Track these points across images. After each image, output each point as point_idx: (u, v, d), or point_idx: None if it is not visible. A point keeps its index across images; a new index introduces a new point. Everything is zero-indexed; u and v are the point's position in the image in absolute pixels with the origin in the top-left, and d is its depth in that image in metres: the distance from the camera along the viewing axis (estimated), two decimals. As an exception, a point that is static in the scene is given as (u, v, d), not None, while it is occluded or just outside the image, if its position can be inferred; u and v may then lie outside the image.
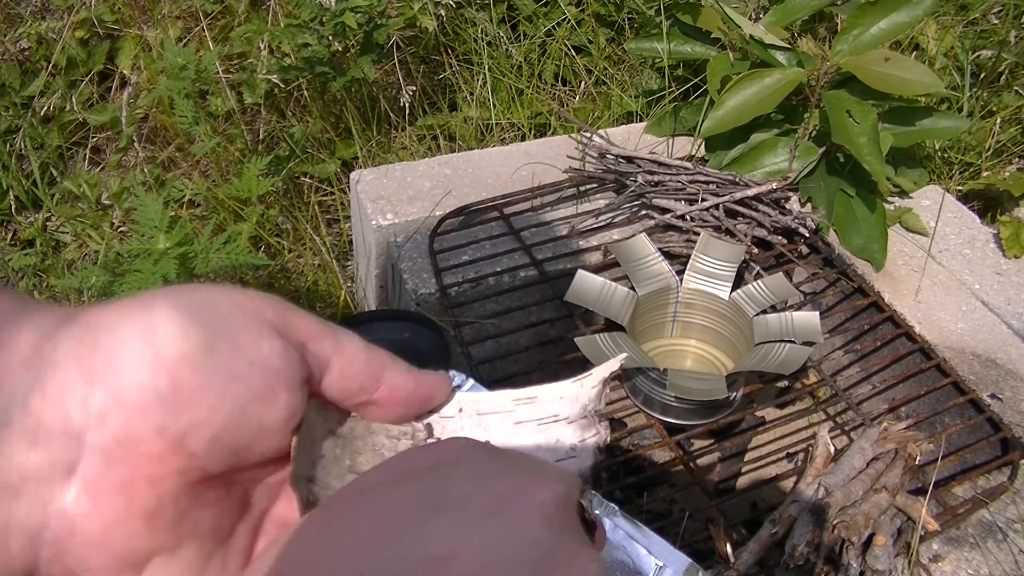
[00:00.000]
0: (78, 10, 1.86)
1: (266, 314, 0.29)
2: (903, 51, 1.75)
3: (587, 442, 0.35)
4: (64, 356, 0.26)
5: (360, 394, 0.32)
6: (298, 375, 0.29)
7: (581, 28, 1.88)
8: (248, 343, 0.28)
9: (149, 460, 0.27)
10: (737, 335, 1.17)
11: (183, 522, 0.28)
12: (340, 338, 0.31)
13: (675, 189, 1.31)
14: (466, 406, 0.36)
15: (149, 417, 0.26)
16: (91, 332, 0.27)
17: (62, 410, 0.26)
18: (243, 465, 0.29)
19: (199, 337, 0.27)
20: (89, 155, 1.81)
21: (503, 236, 1.27)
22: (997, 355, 1.18)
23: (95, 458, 0.26)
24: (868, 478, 0.96)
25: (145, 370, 0.26)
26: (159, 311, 0.27)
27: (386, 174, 1.37)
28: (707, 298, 1.18)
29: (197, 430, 0.27)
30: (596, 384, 0.36)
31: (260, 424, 0.28)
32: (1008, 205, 1.56)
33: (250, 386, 0.28)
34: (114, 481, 0.26)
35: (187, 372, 0.27)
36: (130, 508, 0.27)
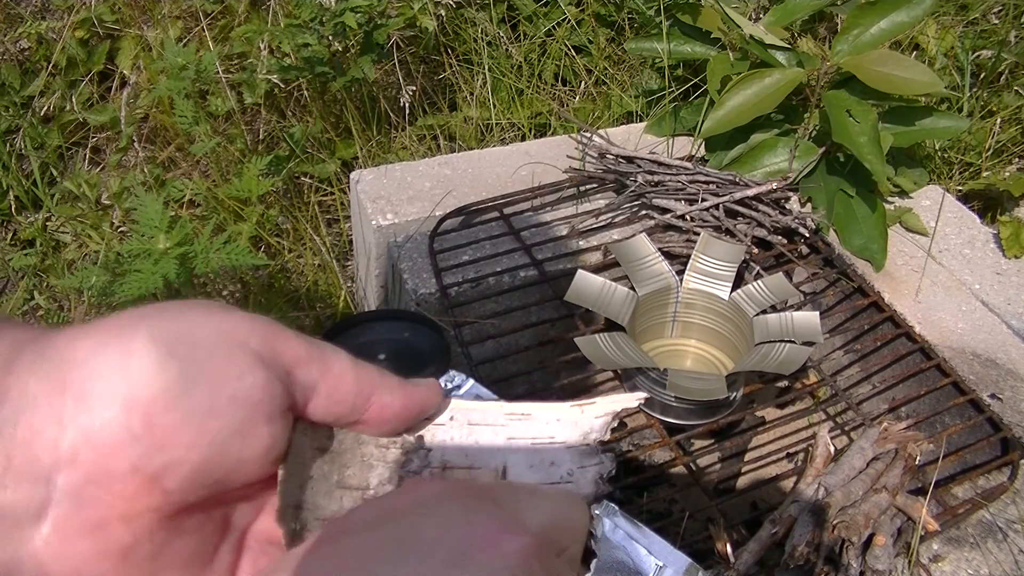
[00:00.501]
0: (78, 10, 1.86)
1: (250, 342, 0.28)
2: (903, 51, 1.75)
3: (587, 470, 0.34)
4: (34, 392, 0.25)
5: (350, 415, 0.31)
6: (280, 406, 0.29)
7: (581, 28, 1.88)
8: (229, 376, 0.27)
9: (123, 499, 0.26)
10: (737, 335, 1.17)
11: (161, 554, 0.28)
12: (328, 360, 0.30)
13: (675, 189, 1.31)
14: (458, 415, 0.35)
15: (122, 456, 0.26)
16: (63, 367, 0.26)
17: (31, 452, 0.25)
18: (223, 492, 0.29)
19: (177, 373, 0.26)
20: (89, 155, 1.81)
21: (503, 236, 1.27)
22: (997, 355, 1.18)
23: (65, 499, 0.25)
24: (868, 478, 0.96)
25: (117, 408, 0.26)
26: (135, 344, 0.26)
27: (386, 174, 1.37)
28: (707, 298, 1.18)
29: (173, 468, 0.26)
30: (602, 415, 0.35)
31: (239, 458, 0.28)
32: (1008, 205, 1.56)
33: (230, 422, 0.27)
34: (86, 522, 0.26)
35: (162, 410, 0.26)
36: (104, 548, 0.26)
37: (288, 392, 0.29)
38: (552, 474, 0.34)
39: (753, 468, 1.11)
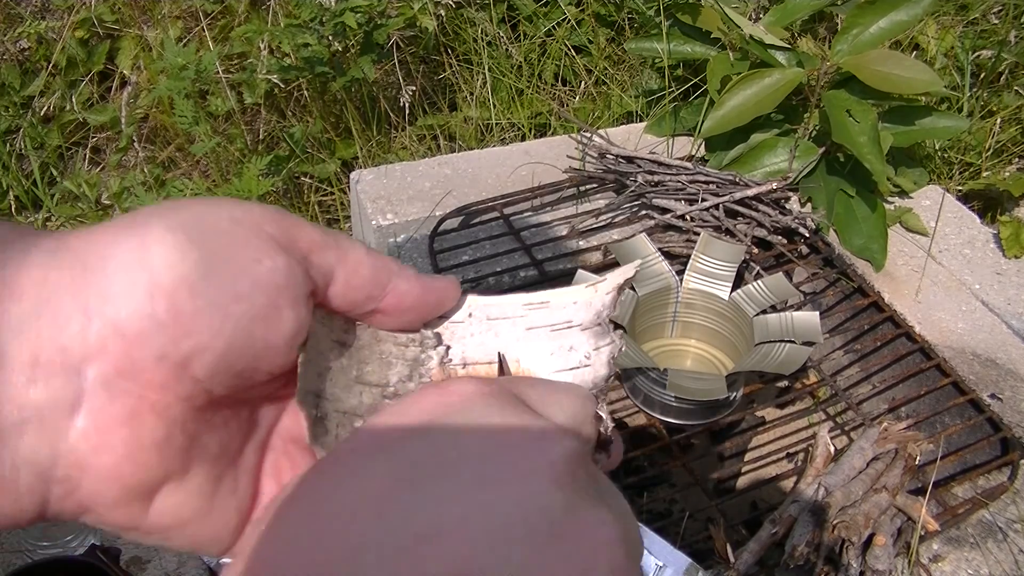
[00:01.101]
0: (78, 10, 1.86)
1: (266, 228, 0.28)
2: (903, 51, 1.75)
3: (601, 351, 0.34)
4: (57, 288, 0.25)
5: (367, 303, 0.31)
6: (302, 290, 0.28)
7: (581, 28, 1.88)
8: (249, 260, 0.27)
9: (153, 388, 0.26)
10: (737, 335, 1.17)
11: (192, 447, 0.28)
12: (344, 247, 0.30)
13: (675, 189, 1.31)
14: (476, 311, 0.34)
15: (150, 344, 0.25)
16: (83, 260, 0.26)
17: (60, 344, 0.25)
18: (249, 385, 0.29)
19: (197, 258, 0.26)
20: (89, 155, 1.81)
21: (503, 236, 1.27)
22: (997, 355, 1.18)
23: (98, 391, 0.25)
24: (868, 478, 0.96)
25: (142, 297, 0.25)
26: (153, 233, 0.26)
27: (386, 174, 1.37)
28: (707, 298, 1.18)
29: (200, 355, 0.26)
30: (610, 290, 0.34)
31: (265, 343, 0.27)
32: (1008, 205, 1.56)
33: (253, 306, 0.27)
34: (120, 413, 0.26)
35: (186, 296, 0.26)
36: (138, 439, 0.26)
37: (308, 277, 0.29)
38: (571, 359, 0.34)
39: (753, 468, 1.11)
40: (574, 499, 0.25)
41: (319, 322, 0.31)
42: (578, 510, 0.25)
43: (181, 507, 0.28)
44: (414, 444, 0.27)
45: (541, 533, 0.24)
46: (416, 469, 0.26)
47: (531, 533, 0.24)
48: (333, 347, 0.32)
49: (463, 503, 0.25)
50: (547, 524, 0.24)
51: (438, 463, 0.26)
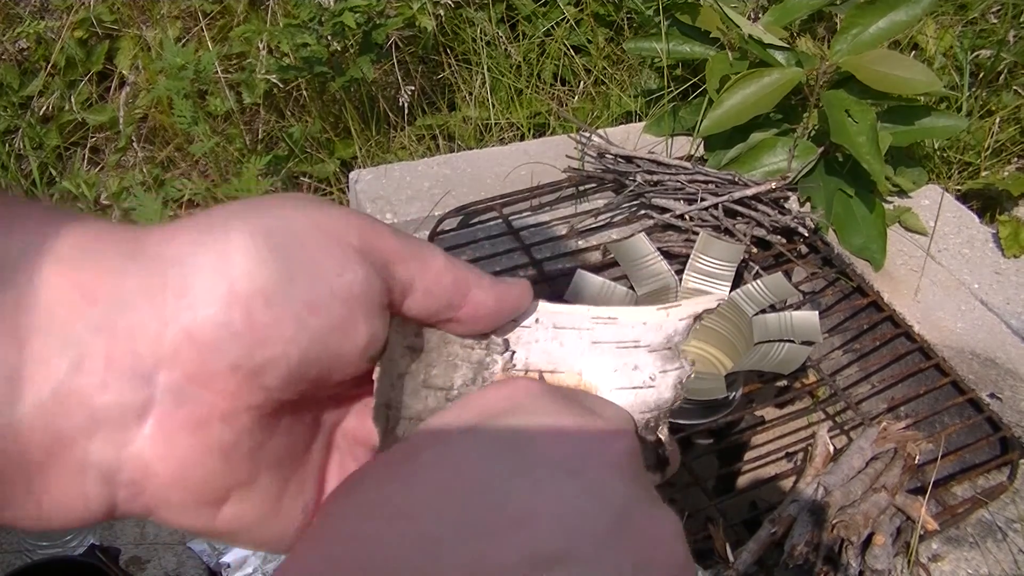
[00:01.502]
0: (77, 10, 1.86)
1: (349, 236, 0.28)
2: (902, 51, 1.75)
3: (668, 374, 0.33)
4: (134, 292, 0.25)
5: (444, 312, 0.31)
6: (380, 301, 0.28)
7: (580, 28, 1.88)
8: (329, 270, 0.27)
9: (223, 397, 0.26)
10: (736, 335, 1.17)
11: (259, 454, 0.28)
12: (426, 256, 0.30)
13: (674, 189, 1.31)
14: (543, 317, 0.34)
15: (223, 354, 0.25)
16: (161, 264, 0.25)
17: (133, 349, 0.25)
18: (317, 392, 0.29)
19: (276, 267, 0.26)
20: (88, 155, 1.80)
21: (502, 236, 1.27)
22: (996, 355, 1.18)
23: (167, 398, 0.25)
24: (867, 478, 0.96)
25: (219, 305, 0.25)
26: (233, 239, 0.26)
27: (385, 174, 1.37)
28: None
29: (273, 365, 0.26)
30: (685, 317, 0.34)
31: (339, 354, 0.27)
32: (1007, 204, 1.56)
33: (331, 317, 0.27)
34: (188, 420, 0.26)
35: (262, 306, 0.25)
36: (205, 446, 0.26)
37: (387, 288, 0.28)
38: (635, 378, 0.34)
39: (753, 468, 1.11)
40: (639, 493, 0.26)
41: (394, 330, 0.30)
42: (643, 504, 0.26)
43: (249, 512, 0.28)
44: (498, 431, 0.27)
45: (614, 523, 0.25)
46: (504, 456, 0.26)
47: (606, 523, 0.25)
48: (405, 353, 0.32)
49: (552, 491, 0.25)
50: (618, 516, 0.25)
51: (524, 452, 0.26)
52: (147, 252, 0.26)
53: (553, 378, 0.34)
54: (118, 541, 0.98)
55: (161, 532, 1.00)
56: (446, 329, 0.32)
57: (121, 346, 0.25)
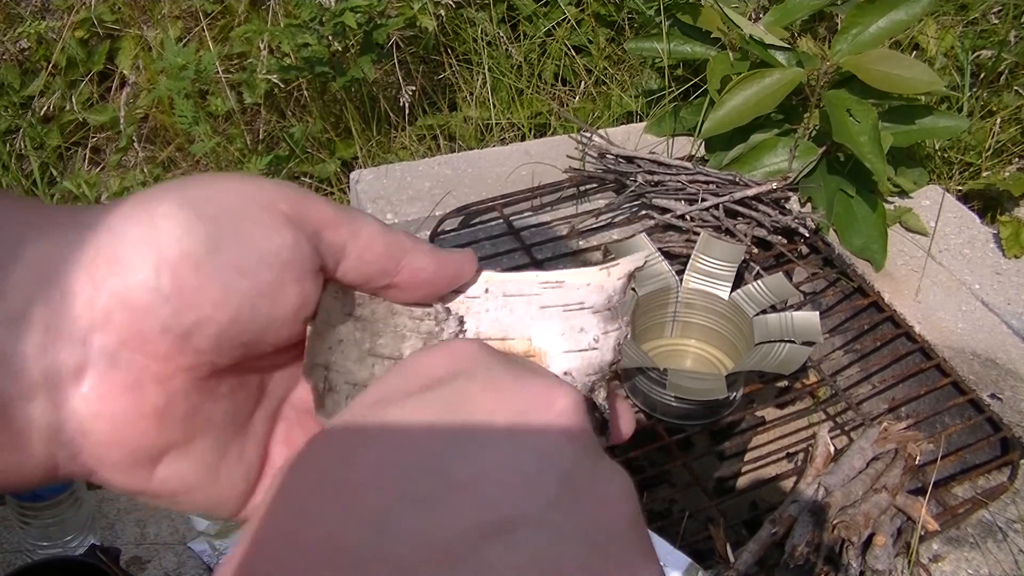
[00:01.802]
0: (78, 10, 1.86)
1: (278, 205, 0.29)
2: (903, 51, 1.75)
3: (609, 335, 0.34)
4: (68, 260, 0.26)
5: (380, 278, 0.31)
6: (309, 266, 0.29)
7: (581, 28, 1.88)
8: (257, 236, 0.28)
9: (155, 359, 0.27)
10: (737, 335, 1.17)
11: (195, 416, 0.28)
12: (357, 223, 0.30)
13: (675, 189, 1.31)
14: (493, 287, 0.35)
15: (153, 317, 0.26)
16: (94, 234, 0.27)
17: (68, 314, 0.26)
18: (255, 356, 0.29)
19: (203, 234, 0.27)
20: (89, 155, 1.81)
21: (503, 236, 1.27)
22: (997, 355, 1.18)
23: (102, 360, 0.26)
24: (868, 478, 0.96)
25: (148, 270, 0.26)
26: (162, 208, 0.27)
27: (386, 174, 1.37)
28: (707, 298, 1.18)
29: (202, 327, 0.27)
30: (622, 276, 0.35)
31: (269, 318, 0.28)
32: (1008, 205, 1.56)
33: (257, 281, 0.28)
34: (121, 382, 0.27)
35: (190, 271, 0.27)
36: (139, 408, 0.27)
37: (317, 253, 0.29)
38: (580, 341, 0.34)
39: (753, 468, 1.11)
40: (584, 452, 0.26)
41: (331, 296, 0.31)
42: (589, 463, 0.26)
43: (185, 474, 0.29)
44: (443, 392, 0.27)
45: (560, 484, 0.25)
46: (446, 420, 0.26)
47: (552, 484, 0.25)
48: (346, 320, 0.32)
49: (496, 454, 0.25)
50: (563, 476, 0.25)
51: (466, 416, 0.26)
52: (82, 223, 0.27)
53: (503, 345, 0.34)
54: (118, 541, 0.98)
55: (162, 532, 1.00)
56: (389, 297, 0.33)
57: (57, 311, 0.26)
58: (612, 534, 0.25)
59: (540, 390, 0.27)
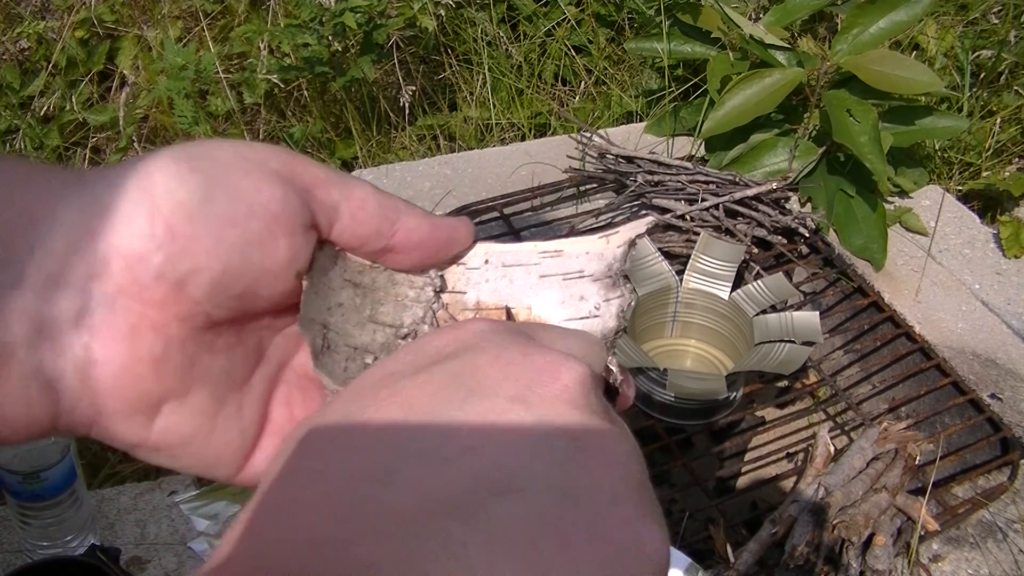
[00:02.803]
0: (78, 10, 1.86)
1: (270, 163, 0.30)
2: (903, 51, 1.75)
3: (611, 303, 0.34)
4: (66, 212, 0.27)
5: (376, 239, 0.32)
6: (299, 220, 0.30)
7: (581, 28, 1.88)
8: (247, 189, 0.29)
9: (152, 306, 0.28)
10: (737, 335, 1.17)
11: (192, 367, 0.29)
12: (349, 184, 0.31)
13: (675, 189, 1.31)
14: (492, 257, 0.35)
15: (148, 265, 0.27)
16: (92, 188, 0.28)
17: (68, 264, 0.27)
18: (251, 310, 0.30)
19: (196, 185, 0.28)
20: (89, 155, 1.80)
21: (503, 236, 1.27)
22: (997, 355, 1.18)
23: (101, 307, 0.27)
24: (868, 478, 0.96)
25: (143, 220, 0.27)
26: (158, 163, 0.28)
27: (386, 174, 1.37)
28: (707, 298, 1.18)
29: (196, 275, 0.28)
30: (622, 243, 0.35)
31: (262, 268, 0.29)
32: (1008, 205, 1.56)
33: (247, 231, 0.28)
34: (121, 328, 0.27)
35: (183, 220, 0.28)
36: (138, 354, 0.28)
37: (308, 209, 0.30)
38: (581, 309, 0.34)
39: (753, 468, 1.11)
40: (591, 419, 0.27)
41: (329, 258, 0.32)
42: (595, 428, 0.26)
43: (183, 424, 0.30)
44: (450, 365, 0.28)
45: (564, 447, 0.25)
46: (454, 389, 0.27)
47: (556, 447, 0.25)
48: (345, 285, 0.33)
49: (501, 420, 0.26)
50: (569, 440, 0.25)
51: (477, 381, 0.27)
52: (82, 180, 0.28)
53: (502, 315, 0.35)
54: (118, 541, 0.98)
55: (162, 532, 1.00)
56: (387, 263, 0.33)
57: (57, 261, 0.27)
58: (617, 496, 0.25)
59: (547, 364, 0.28)
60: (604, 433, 0.26)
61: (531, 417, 0.26)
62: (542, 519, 0.23)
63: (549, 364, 0.28)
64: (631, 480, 0.26)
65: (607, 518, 0.24)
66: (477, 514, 0.23)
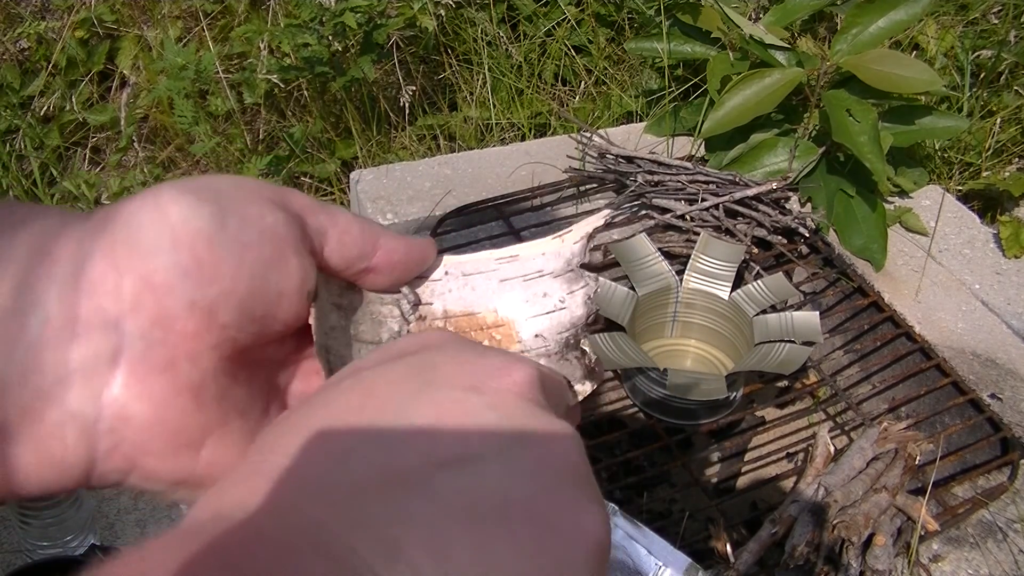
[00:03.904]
0: (78, 10, 1.86)
1: (264, 191, 0.31)
2: (903, 50, 1.75)
3: (576, 293, 0.36)
4: (90, 251, 0.27)
5: (360, 261, 0.33)
6: (303, 242, 0.31)
7: (581, 28, 1.88)
8: (254, 215, 0.29)
9: (186, 337, 0.28)
10: (737, 335, 1.17)
11: (226, 398, 0.30)
12: (333, 210, 0.33)
13: (675, 189, 1.31)
14: (451, 268, 0.37)
15: (179, 294, 0.27)
16: (110, 224, 0.28)
17: (97, 302, 0.27)
18: (268, 335, 0.31)
19: (209, 213, 0.28)
20: (89, 155, 1.81)
21: (503, 236, 1.27)
22: (997, 355, 1.18)
23: (136, 343, 0.27)
24: (868, 478, 0.96)
25: (167, 250, 0.27)
26: (166, 195, 0.29)
27: (386, 174, 1.37)
28: (707, 298, 1.18)
29: (225, 299, 0.28)
30: (578, 239, 0.37)
31: (279, 289, 0.30)
32: (1008, 205, 1.56)
33: (263, 253, 0.29)
34: (157, 362, 0.27)
35: (205, 246, 0.28)
36: (176, 386, 0.28)
37: (305, 233, 0.31)
38: (546, 304, 0.36)
39: (753, 468, 1.11)
40: (538, 411, 0.28)
41: (321, 284, 0.33)
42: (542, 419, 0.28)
43: (228, 454, 0.30)
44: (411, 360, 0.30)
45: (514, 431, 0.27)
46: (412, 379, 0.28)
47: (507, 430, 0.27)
48: (333, 309, 0.34)
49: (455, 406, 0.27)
50: (518, 425, 0.27)
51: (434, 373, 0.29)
52: (97, 218, 0.28)
53: (472, 319, 0.36)
54: (118, 541, 0.98)
55: (161, 532, 1.00)
56: (365, 283, 0.35)
57: (85, 300, 0.27)
58: (560, 480, 0.26)
59: (499, 364, 0.29)
60: (550, 424, 0.28)
61: (482, 405, 0.27)
62: (484, 491, 0.25)
63: (502, 363, 0.29)
64: (574, 469, 0.27)
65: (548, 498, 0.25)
66: (423, 485, 0.24)
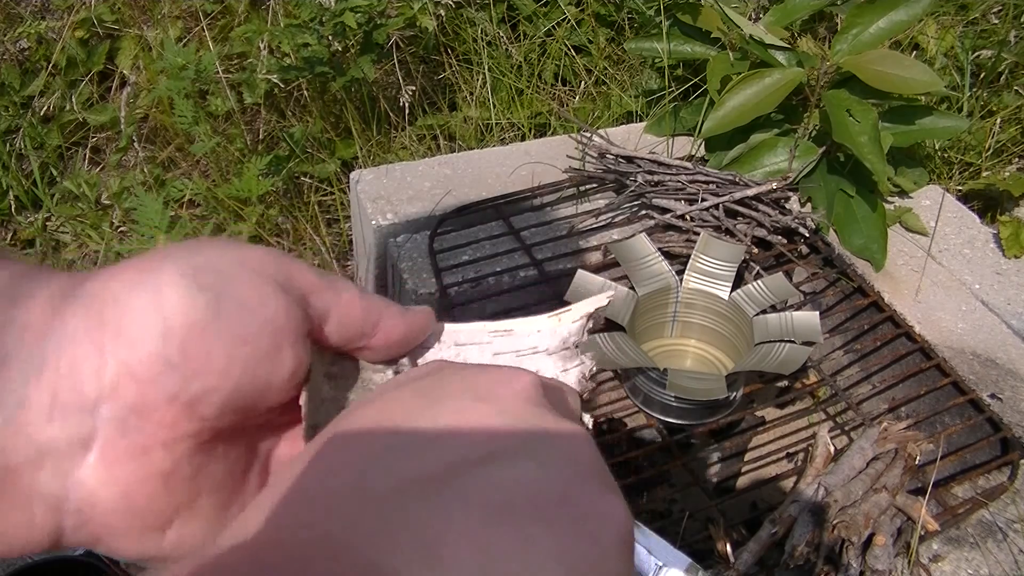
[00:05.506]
0: (78, 10, 1.86)
1: (268, 269, 0.30)
2: (903, 51, 1.75)
3: (570, 372, 0.36)
4: (74, 329, 0.27)
5: (358, 340, 0.33)
6: (302, 329, 0.30)
7: (581, 28, 1.88)
8: (254, 302, 0.29)
9: (163, 427, 0.27)
10: (737, 335, 1.17)
11: (198, 478, 0.29)
12: (338, 287, 0.32)
13: (675, 189, 1.31)
14: (445, 337, 0.37)
15: (161, 386, 0.27)
16: (99, 303, 0.27)
17: (76, 385, 0.26)
18: (250, 419, 0.30)
19: (206, 302, 0.28)
20: (89, 155, 1.81)
21: (503, 236, 1.27)
22: (997, 355, 1.18)
23: (110, 429, 0.27)
24: (868, 478, 0.96)
25: (155, 340, 0.27)
26: (165, 277, 0.28)
27: (386, 174, 1.37)
28: (707, 298, 1.18)
29: (209, 395, 0.28)
30: (578, 319, 0.37)
31: (268, 382, 0.29)
32: (1008, 205, 1.56)
33: (258, 347, 0.29)
34: (130, 449, 0.27)
35: (196, 340, 0.27)
36: (146, 472, 0.28)
37: (307, 316, 0.31)
38: None
39: (753, 468, 1.11)
40: (549, 413, 0.29)
41: (315, 355, 0.32)
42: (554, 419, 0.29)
43: (195, 534, 0.30)
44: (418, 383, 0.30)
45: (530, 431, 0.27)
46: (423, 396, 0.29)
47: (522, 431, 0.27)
48: (325, 381, 0.34)
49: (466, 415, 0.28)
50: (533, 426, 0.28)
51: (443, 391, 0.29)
52: (87, 291, 0.27)
53: None
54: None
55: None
56: (361, 356, 0.35)
57: (65, 381, 0.26)
58: (583, 473, 0.27)
59: (503, 374, 0.30)
60: (562, 424, 0.28)
61: (495, 411, 0.28)
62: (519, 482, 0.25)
63: (505, 373, 0.30)
64: (593, 463, 0.27)
65: (579, 488, 0.26)
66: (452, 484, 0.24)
